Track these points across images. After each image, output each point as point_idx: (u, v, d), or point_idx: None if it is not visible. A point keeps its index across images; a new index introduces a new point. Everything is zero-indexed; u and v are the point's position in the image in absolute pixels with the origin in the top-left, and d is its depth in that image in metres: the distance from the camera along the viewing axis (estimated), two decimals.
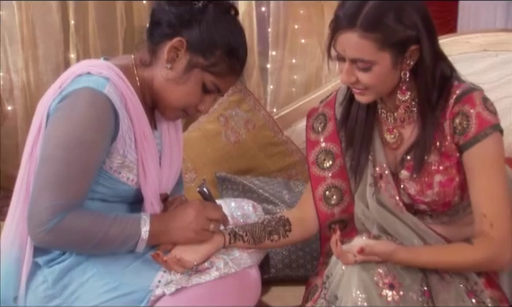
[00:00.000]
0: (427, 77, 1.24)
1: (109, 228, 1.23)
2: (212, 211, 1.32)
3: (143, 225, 1.25)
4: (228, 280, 1.27)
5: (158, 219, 1.28)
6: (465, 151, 1.24)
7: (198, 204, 1.31)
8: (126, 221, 1.25)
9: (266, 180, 1.95)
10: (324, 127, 1.43)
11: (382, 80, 1.24)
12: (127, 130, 1.27)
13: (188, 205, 1.30)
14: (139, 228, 1.25)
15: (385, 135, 1.34)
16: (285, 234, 1.41)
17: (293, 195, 1.87)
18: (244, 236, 1.37)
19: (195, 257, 1.28)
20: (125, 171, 1.29)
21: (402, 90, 1.27)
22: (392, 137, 1.33)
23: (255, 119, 2.06)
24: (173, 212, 1.30)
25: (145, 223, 1.25)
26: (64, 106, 1.23)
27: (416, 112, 1.29)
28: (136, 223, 1.25)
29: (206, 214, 1.30)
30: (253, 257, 1.37)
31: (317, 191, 1.42)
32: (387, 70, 1.23)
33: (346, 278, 1.20)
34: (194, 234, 1.28)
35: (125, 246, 1.25)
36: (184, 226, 1.28)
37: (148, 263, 1.28)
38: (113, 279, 1.26)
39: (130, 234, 1.24)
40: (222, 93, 1.35)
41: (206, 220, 1.30)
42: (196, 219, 1.28)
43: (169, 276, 1.27)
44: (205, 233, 1.30)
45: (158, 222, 1.27)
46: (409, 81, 1.26)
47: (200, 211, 1.29)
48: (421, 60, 1.23)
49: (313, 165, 1.43)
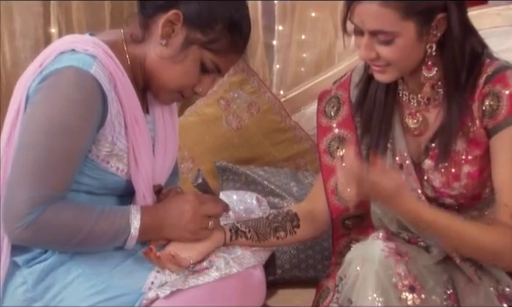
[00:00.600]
0: (455, 51, 1.23)
1: (95, 223, 1.23)
2: (211, 206, 1.32)
3: (133, 219, 1.26)
4: (229, 281, 1.28)
5: (150, 212, 1.29)
6: (493, 136, 1.24)
7: (194, 200, 1.31)
8: (114, 214, 1.25)
9: (272, 170, 1.96)
10: (337, 111, 1.43)
11: (406, 54, 1.23)
12: (116, 114, 1.27)
13: (184, 201, 1.31)
14: (129, 222, 1.25)
15: (406, 120, 1.34)
16: (293, 230, 1.42)
17: (302, 188, 1.88)
18: (247, 233, 1.38)
19: (192, 255, 1.29)
20: (114, 161, 1.30)
21: (428, 66, 1.26)
22: (414, 122, 1.33)
23: (259, 103, 2.06)
24: (167, 205, 1.31)
25: (135, 217, 1.26)
26: (45, 87, 1.23)
27: (443, 94, 1.28)
28: (125, 217, 1.25)
29: (204, 211, 1.31)
30: (257, 256, 1.37)
31: (329, 182, 1.42)
32: (412, 42, 1.22)
33: (361, 279, 1.20)
34: (190, 235, 1.29)
35: (113, 242, 1.26)
36: (180, 226, 1.29)
37: (140, 262, 1.29)
38: (100, 280, 1.27)
39: (120, 229, 1.24)
40: (222, 73, 1.35)
41: (205, 218, 1.31)
42: (193, 219, 1.29)
43: (163, 277, 1.28)
44: (203, 232, 1.31)
45: (150, 215, 1.28)
46: (435, 56, 1.25)
47: (197, 210, 1.30)
48: (449, 31, 1.22)
49: (325, 153, 1.43)
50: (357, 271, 1.22)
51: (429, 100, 1.30)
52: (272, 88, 2.30)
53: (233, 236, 1.37)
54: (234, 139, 2.03)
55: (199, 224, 1.30)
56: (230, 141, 2.02)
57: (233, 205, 1.49)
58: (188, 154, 2.02)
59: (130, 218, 1.26)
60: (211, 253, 1.32)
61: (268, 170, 1.97)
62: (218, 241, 1.35)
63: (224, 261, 1.30)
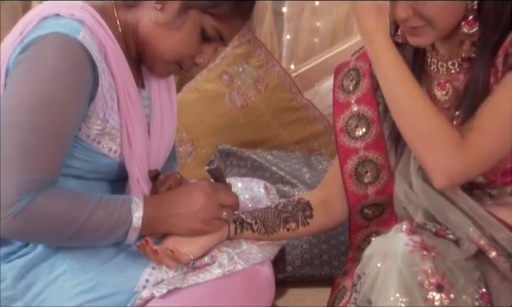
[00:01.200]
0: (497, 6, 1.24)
1: (92, 213, 1.22)
2: (226, 195, 1.33)
3: (135, 209, 1.26)
4: (233, 279, 1.29)
5: (154, 203, 1.29)
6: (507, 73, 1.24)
7: (207, 186, 1.31)
8: (114, 204, 1.25)
9: (281, 155, 1.97)
10: (357, 85, 1.43)
11: (450, 9, 1.24)
12: (108, 87, 1.27)
13: (194, 188, 1.31)
14: (130, 213, 1.25)
15: (435, 91, 1.33)
16: (305, 221, 1.43)
17: (316, 174, 1.89)
18: (254, 225, 1.39)
19: (193, 250, 1.30)
20: (107, 140, 1.30)
21: (469, 21, 1.25)
22: (443, 94, 1.32)
23: (267, 78, 2.07)
24: (174, 195, 1.31)
25: (138, 207, 1.26)
26: (27, 57, 1.22)
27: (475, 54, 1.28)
28: (125, 207, 1.25)
29: (218, 199, 1.31)
30: (265, 250, 1.38)
31: (346, 166, 1.43)
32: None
33: (382, 277, 1.20)
34: (201, 225, 1.30)
35: (111, 236, 1.26)
36: (190, 214, 1.29)
37: (134, 257, 1.30)
38: (88, 277, 1.27)
39: (119, 220, 1.24)
40: (225, 42, 1.35)
41: (218, 206, 1.31)
42: (206, 206, 1.29)
43: (159, 274, 1.29)
44: (215, 222, 1.32)
45: (154, 206, 1.28)
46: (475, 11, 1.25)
47: (210, 196, 1.30)
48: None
49: (342, 133, 1.43)
50: (377, 268, 1.22)
51: (461, 65, 1.30)
52: (282, 61, 2.30)
53: (238, 229, 1.38)
54: (238, 119, 2.04)
55: (212, 213, 1.30)
56: (234, 121, 2.03)
57: (238, 193, 1.49)
58: (186, 136, 2.03)
59: (132, 208, 1.26)
60: (213, 248, 1.33)
61: (277, 154, 1.98)
62: (221, 235, 1.35)
63: (228, 256, 1.31)
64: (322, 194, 1.47)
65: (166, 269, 1.29)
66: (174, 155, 1.53)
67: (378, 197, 1.41)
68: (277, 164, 1.93)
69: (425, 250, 1.20)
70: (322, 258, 1.73)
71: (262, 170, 1.91)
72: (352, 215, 1.44)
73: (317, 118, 2.06)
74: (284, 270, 1.65)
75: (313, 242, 1.74)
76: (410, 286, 1.17)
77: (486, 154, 1.22)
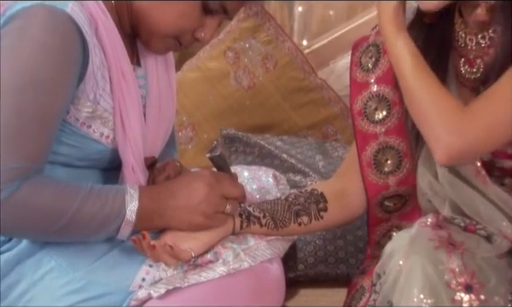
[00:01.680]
0: None
1: (82, 205, 1.23)
2: (230, 185, 1.33)
3: (130, 201, 1.26)
4: (239, 278, 1.29)
5: (150, 194, 1.29)
6: None
7: (210, 176, 1.32)
8: (106, 195, 1.25)
9: (293, 140, 1.97)
10: (376, 63, 1.43)
11: None
12: (100, 65, 1.27)
13: (195, 178, 1.31)
14: (123, 205, 1.25)
15: (462, 69, 1.33)
16: (318, 214, 1.43)
17: (331, 162, 1.89)
18: (262, 218, 1.40)
19: (194, 246, 1.30)
20: (98, 124, 1.30)
21: None
22: (473, 72, 1.32)
23: (277, 55, 2.06)
24: (173, 186, 1.31)
25: (132, 199, 1.26)
26: (9, 32, 1.22)
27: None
28: (119, 198, 1.26)
29: (221, 190, 1.31)
30: (274, 247, 1.39)
31: (364, 153, 1.43)
32: None
33: (404, 276, 1.20)
34: (203, 219, 1.30)
35: (102, 230, 1.26)
36: (191, 207, 1.29)
37: (128, 253, 1.30)
38: (78, 276, 1.28)
39: (112, 213, 1.25)
40: (230, 15, 1.35)
41: (222, 198, 1.31)
42: (208, 198, 1.30)
43: (156, 273, 1.29)
44: (218, 216, 1.32)
45: (150, 197, 1.28)
46: None
47: (213, 187, 1.30)
48: None
49: (360, 116, 1.44)
50: (399, 266, 1.21)
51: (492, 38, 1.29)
52: (293, 36, 2.30)
53: (244, 223, 1.38)
54: (244, 101, 2.04)
55: (214, 206, 1.30)
56: (240, 103, 2.03)
57: (244, 183, 1.50)
58: (187, 120, 2.03)
59: (126, 199, 1.26)
60: (216, 244, 1.33)
61: (288, 140, 1.98)
62: (225, 229, 1.35)
63: (233, 253, 1.31)
64: (338, 184, 1.47)
65: (165, 267, 1.30)
66: (173, 141, 1.53)
67: (400, 188, 1.41)
68: (288, 150, 1.93)
69: (452, 246, 1.20)
70: (338, 256, 1.73)
71: (271, 157, 1.92)
72: (370, 208, 1.45)
73: (332, 99, 2.05)
74: (295, 269, 1.66)
75: (328, 238, 1.74)
76: (436, 286, 1.17)
77: (493, 125, 1.21)
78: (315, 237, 1.73)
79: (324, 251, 1.74)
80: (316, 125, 2.04)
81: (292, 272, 1.65)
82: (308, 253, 1.74)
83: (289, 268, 1.60)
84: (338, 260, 1.73)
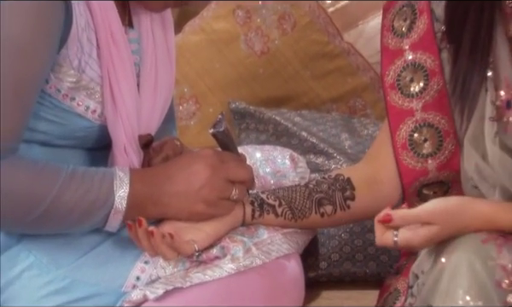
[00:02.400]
0: None
1: (62, 190, 1.23)
2: (236, 167, 1.33)
3: (119, 186, 1.26)
4: (250, 277, 1.30)
5: (143, 178, 1.30)
6: None
7: (212, 156, 1.32)
8: (91, 178, 1.25)
9: (314, 116, 1.97)
10: (412, 26, 1.43)
11: None
12: (85, 27, 1.27)
13: (195, 159, 1.31)
14: (112, 191, 1.26)
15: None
16: (344, 204, 1.43)
17: (359, 142, 1.89)
18: (277, 207, 1.40)
19: (198, 239, 1.30)
20: (83, 97, 1.30)
21: None
22: None
23: (296, 14, 2.06)
24: (170, 168, 1.32)
25: (122, 184, 1.27)
26: None
27: None
28: (106, 183, 1.26)
29: (226, 173, 1.31)
30: (292, 241, 1.39)
31: (398, 133, 1.43)
32: None
33: (447, 276, 1.19)
34: (205, 207, 1.30)
35: (87, 220, 1.27)
36: (191, 193, 1.29)
37: (121, 247, 1.31)
38: (61, 274, 1.29)
39: (98, 201, 1.25)
40: None
41: (227, 183, 1.31)
42: (211, 182, 1.30)
43: (153, 270, 1.30)
44: (223, 204, 1.32)
45: (144, 182, 1.29)
46: None
47: (216, 169, 1.30)
48: None
49: (393, 89, 1.44)
50: (441, 264, 1.20)
51: None
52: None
53: (256, 212, 1.38)
54: (257, 69, 2.03)
55: (218, 191, 1.30)
56: (252, 71, 2.02)
57: (256, 165, 1.51)
58: (189, 91, 2.03)
59: (115, 184, 1.26)
60: (223, 236, 1.34)
61: (308, 115, 1.97)
62: (234, 219, 1.36)
63: (244, 248, 1.32)
64: (368, 168, 1.47)
65: (163, 263, 1.30)
66: (172, 116, 1.54)
67: (441, 173, 1.41)
68: (308, 128, 1.93)
69: (503, 238, 1.20)
70: (367, 252, 1.73)
71: (288, 135, 1.91)
72: (406, 196, 1.44)
73: (360, 67, 2.04)
74: (317, 267, 1.66)
75: (355, 231, 1.73)
76: (485, 285, 1.16)
77: None
78: (340, 230, 1.73)
79: (351, 246, 1.73)
80: (341, 98, 2.04)
81: (313, 271, 1.65)
82: (332, 249, 1.73)
83: (310, 266, 1.60)
84: (367, 257, 1.72)
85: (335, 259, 1.72)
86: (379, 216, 1.24)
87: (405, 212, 1.24)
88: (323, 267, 1.71)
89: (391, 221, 1.23)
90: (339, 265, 1.72)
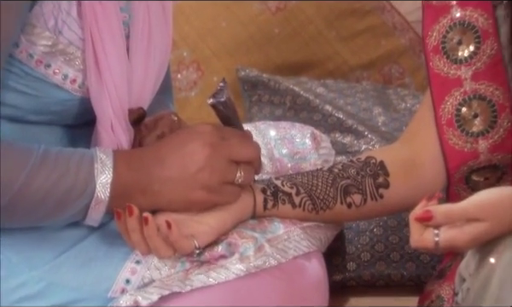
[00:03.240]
0: None
1: (32, 176, 1.24)
2: (240, 145, 1.33)
3: (101, 171, 1.27)
4: (262, 281, 1.30)
5: (129, 160, 1.30)
6: None
7: (212, 132, 1.32)
8: (67, 161, 1.26)
9: (341, 86, 1.97)
10: None
11: None
12: None
13: (191, 136, 1.32)
14: (92, 176, 1.26)
15: None
16: (377, 192, 1.44)
17: (395, 117, 1.89)
18: (294, 196, 1.40)
19: (198, 233, 1.30)
20: (60, 63, 1.31)
21: None
22: None
23: None
24: (162, 148, 1.31)
25: (104, 168, 1.27)
26: None
27: None
28: (85, 167, 1.27)
29: (228, 152, 1.31)
30: (313, 237, 1.39)
31: (443, 107, 1.44)
32: None
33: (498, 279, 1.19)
34: (205, 194, 1.31)
35: (62, 211, 1.27)
36: (187, 177, 1.30)
37: (107, 243, 1.32)
38: (36, 276, 1.29)
39: (75, 189, 1.25)
40: None
41: (230, 164, 1.31)
42: (211, 164, 1.30)
43: (146, 272, 1.31)
44: (226, 189, 1.32)
45: (130, 165, 1.29)
46: None
47: (216, 148, 1.30)
48: None
49: (437, 53, 1.44)
50: (490, 265, 1.21)
51: None
52: None
53: (269, 202, 1.39)
54: (272, 29, 2.03)
55: (219, 174, 1.30)
56: (266, 32, 2.03)
57: (270, 145, 1.52)
58: (189, 56, 2.03)
59: (95, 168, 1.27)
60: (230, 231, 1.34)
61: (333, 85, 1.97)
62: (242, 210, 1.36)
63: (255, 245, 1.32)
64: (405, 150, 1.47)
65: (158, 263, 1.31)
66: (168, 86, 1.55)
67: (494, 155, 1.41)
68: (333, 100, 1.93)
69: None
70: (405, 251, 1.73)
71: (308, 110, 1.92)
72: (451, 184, 1.45)
73: (397, 26, 2.04)
74: (344, 269, 1.66)
75: (390, 225, 1.74)
76: None
77: None
78: (371, 224, 1.74)
79: (385, 243, 1.74)
80: (374, 64, 2.03)
81: (339, 273, 1.65)
82: (362, 247, 1.74)
83: (335, 267, 1.60)
84: (405, 257, 1.73)
85: (366, 259, 1.73)
86: (416, 212, 1.22)
87: (449, 208, 1.22)
88: (351, 268, 1.72)
89: (431, 219, 1.20)
90: (370, 266, 1.73)
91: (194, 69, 2.03)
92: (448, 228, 1.20)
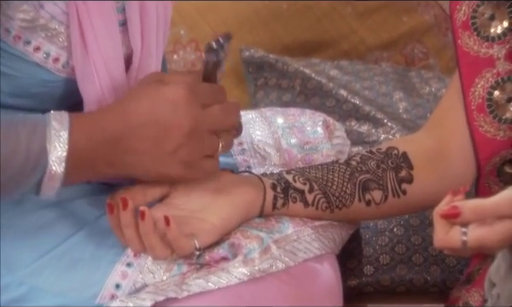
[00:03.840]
0: None
1: None
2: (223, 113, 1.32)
3: (54, 140, 1.26)
4: (269, 286, 1.31)
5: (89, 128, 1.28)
6: None
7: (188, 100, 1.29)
8: (15, 130, 1.24)
9: (358, 68, 1.98)
10: None
11: None
12: None
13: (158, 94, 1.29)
14: (43, 146, 1.25)
15: None
16: (399, 188, 1.45)
17: (418, 103, 1.90)
18: (307, 192, 1.41)
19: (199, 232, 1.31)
20: (41, 39, 1.31)
21: None
22: None
23: None
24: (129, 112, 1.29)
25: (58, 137, 1.26)
26: None
27: None
28: (37, 136, 1.25)
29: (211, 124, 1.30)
30: (326, 237, 1.40)
31: (473, 90, 1.44)
32: None
33: None
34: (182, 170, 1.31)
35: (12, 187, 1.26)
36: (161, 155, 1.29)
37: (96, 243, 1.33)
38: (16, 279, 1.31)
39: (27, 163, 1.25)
40: None
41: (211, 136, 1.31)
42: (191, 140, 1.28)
43: (138, 276, 1.31)
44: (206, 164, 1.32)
45: (89, 134, 1.28)
46: None
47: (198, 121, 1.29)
48: None
49: (466, 30, 1.45)
50: None
51: None
52: None
53: (279, 199, 1.40)
54: (280, 4, 2.03)
55: (200, 150, 1.31)
56: (273, 7, 2.03)
57: (277, 136, 1.53)
58: (187, 34, 2.04)
59: (48, 137, 1.26)
60: (233, 230, 1.35)
61: (349, 66, 1.98)
62: (250, 208, 1.38)
63: (261, 246, 1.33)
64: (431, 139, 1.48)
65: (152, 266, 1.32)
66: (163, 68, 1.54)
67: None
68: (349, 84, 1.94)
69: None
70: (428, 253, 1.73)
71: (321, 95, 1.92)
72: (482, 176, 1.45)
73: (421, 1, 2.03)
74: (360, 273, 1.66)
75: (412, 224, 1.74)
76: None
77: None
78: (391, 223, 1.73)
79: (407, 245, 1.73)
80: (395, 43, 2.03)
81: (354, 278, 1.65)
82: (381, 249, 1.73)
83: (350, 271, 1.61)
84: (428, 260, 1.72)
85: (385, 262, 1.73)
86: (441, 208, 1.20)
87: (479, 203, 1.20)
88: (369, 273, 1.71)
89: (458, 215, 1.18)
90: (390, 270, 1.73)
91: (193, 49, 2.04)
92: (477, 227, 1.18)
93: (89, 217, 1.34)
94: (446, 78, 1.87)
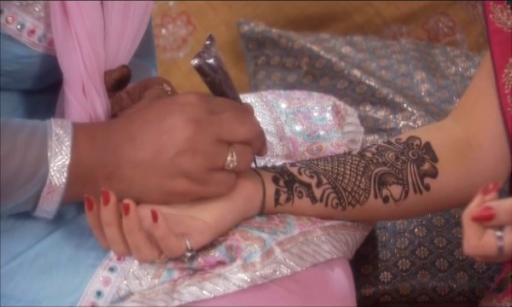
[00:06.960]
0: None
1: None
2: (233, 120, 1.34)
3: (56, 149, 1.28)
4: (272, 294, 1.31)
5: (93, 136, 1.31)
6: None
7: (197, 104, 1.32)
8: (13, 136, 1.27)
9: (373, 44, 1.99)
10: None
11: None
12: None
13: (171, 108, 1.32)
14: (44, 157, 1.27)
15: None
16: (421, 183, 1.46)
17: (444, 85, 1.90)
18: (314, 187, 1.42)
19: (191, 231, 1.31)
20: (15, 9, 1.32)
21: None
22: None
23: None
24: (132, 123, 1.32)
25: (60, 146, 1.28)
26: None
27: None
28: (36, 144, 1.28)
29: (217, 130, 1.32)
30: (338, 239, 1.41)
31: (506, 72, 1.45)
32: None
33: None
34: (187, 183, 1.32)
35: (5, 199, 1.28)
36: (163, 161, 1.31)
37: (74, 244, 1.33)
38: None
39: (22, 171, 1.27)
40: None
41: (219, 145, 1.32)
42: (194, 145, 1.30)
43: (123, 282, 1.33)
44: (215, 178, 1.33)
45: (93, 142, 1.30)
46: None
47: (202, 125, 1.31)
48: None
49: (498, 3, 1.46)
50: None
51: None
52: None
53: (282, 194, 1.41)
54: None
55: (205, 158, 1.31)
56: None
57: (279, 123, 1.54)
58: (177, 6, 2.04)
59: (49, 147, 1.28)
60: (231, 230, 1.36)
61: (363, 43, 1.99)
62: (248, 204, 1.38)
63: (262, 248, 1.33)
64: (459, 128, 1.49)
65: (138, 271, 1.33)
66: (150, 47, 1.57)
67: None
68: (363, 63, 1.95)
69: None
70: (455, 257, 1.74)
71: (331, 75, 1.93)
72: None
73: None
74: (376, 280, 1.68)
75: (436, 224, 1.75)
76: None
77: None
78: (412, 223, 1.75)
79: (429, 248, 1.75)
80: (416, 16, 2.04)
81: (370, 286, 1.67)
82: (400, 252, 1.75)
83: (365, 278, 1.62)
84: (454, 265, 1.74)
85: (405, 268, 1.74)
86: (471, 210, 1.19)
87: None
88: (386, 280, 1.73)
89: (493, 217, 1.18)
90: (410, 277, 1.74)
91: (184, 23, 2.04)
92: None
93: (66, 215, 1.35)
94: (475, 55, 1.88)
